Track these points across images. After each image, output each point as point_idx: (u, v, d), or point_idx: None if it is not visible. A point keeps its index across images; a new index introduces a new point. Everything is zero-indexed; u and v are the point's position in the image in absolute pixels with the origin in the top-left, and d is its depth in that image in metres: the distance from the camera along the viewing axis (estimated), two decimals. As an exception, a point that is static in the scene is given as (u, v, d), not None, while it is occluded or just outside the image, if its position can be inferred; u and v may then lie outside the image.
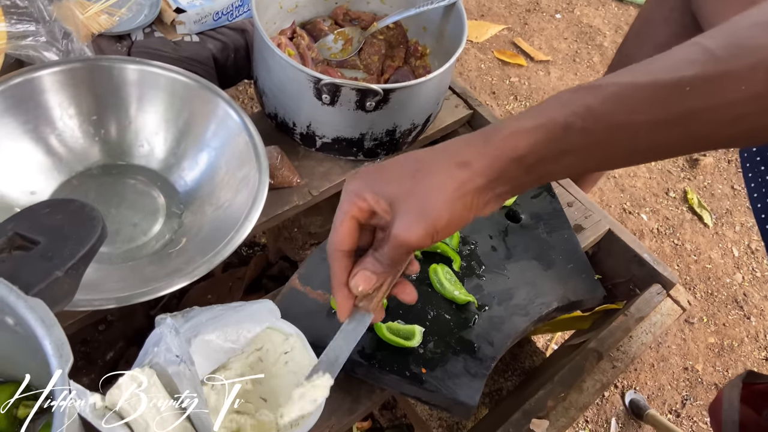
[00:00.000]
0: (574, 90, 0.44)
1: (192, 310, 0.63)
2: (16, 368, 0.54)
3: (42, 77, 0.70)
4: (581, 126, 0.42)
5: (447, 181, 0.45)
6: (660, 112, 0.40)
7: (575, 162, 0.45)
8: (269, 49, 0.78)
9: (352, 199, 0.49)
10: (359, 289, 0.50)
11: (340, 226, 0.50)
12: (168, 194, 0.77)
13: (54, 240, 0.45)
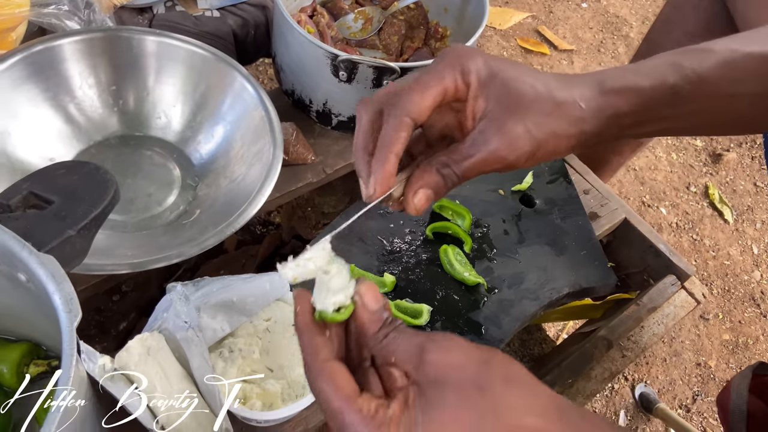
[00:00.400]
0: (685, 52, 0.42)
1: (203, 279, 0.64)
2: (29, 328, 0.55)
3: (63, 46, 0.71)
4: (688, 92, 0.41)
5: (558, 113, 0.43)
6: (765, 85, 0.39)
7: (668, 127, 0.44)
8: (288, 25, 0.77)
9: (455, 67, 0.42)
10: (417, 207, 0.44)
11: (426, 89, 0.42)
12: (183, 166, 0.78)
13: (68, 200, 0.46)
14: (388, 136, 0.42)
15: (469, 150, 0.43)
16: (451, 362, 0.35)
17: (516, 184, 0.83)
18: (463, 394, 0.34)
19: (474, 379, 0.34)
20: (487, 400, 0.34)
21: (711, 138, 1.56)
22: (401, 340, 0.36)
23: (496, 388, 0.34)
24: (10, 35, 0.75)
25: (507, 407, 0.34)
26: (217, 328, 0.59)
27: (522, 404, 0.34)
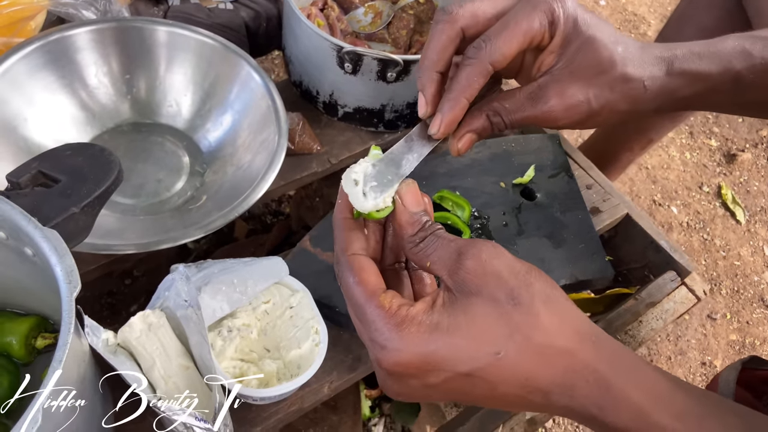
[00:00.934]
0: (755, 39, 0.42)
1: (206, 261, 0.66)
2: (37, 302, 0.58)
3: (78, 35, 0.74)
4: (751, 81, 0.42)
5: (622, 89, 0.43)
6: None
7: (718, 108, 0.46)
8: (296, 17, 0.79)
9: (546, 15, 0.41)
10: (461, 150, 0.44)
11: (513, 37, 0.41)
12: (192, 153, 0.80)
13: (73, 179, 0.49)
14: (467, 80, 0.41)
15: (525, 103, 0.43)
16: (489, 271, 0.34)
17: (518, 177, 0.83)
18: (496, 306, 0.33)
19: (510, 293, 0.33)
20: (520, 316, 0.33)
21: (726, 138, 1.55)
22: (438, 245, 0.35)
23: (532, 305, 0.33)
24: (29, 24, 0.78)
25: (539, 327, 0.32)
26: (217, 308, 0.61)
27: (556, 326, 0.33)
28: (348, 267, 0.36)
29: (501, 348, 0.32)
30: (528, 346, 0.33)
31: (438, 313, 0.34)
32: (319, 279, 0.69)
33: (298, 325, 0.63)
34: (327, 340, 0.61)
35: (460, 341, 0.33)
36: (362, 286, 0.35)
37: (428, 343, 0.33)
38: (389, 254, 0.40)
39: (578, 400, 0.33)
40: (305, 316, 0.63)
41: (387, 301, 0.35)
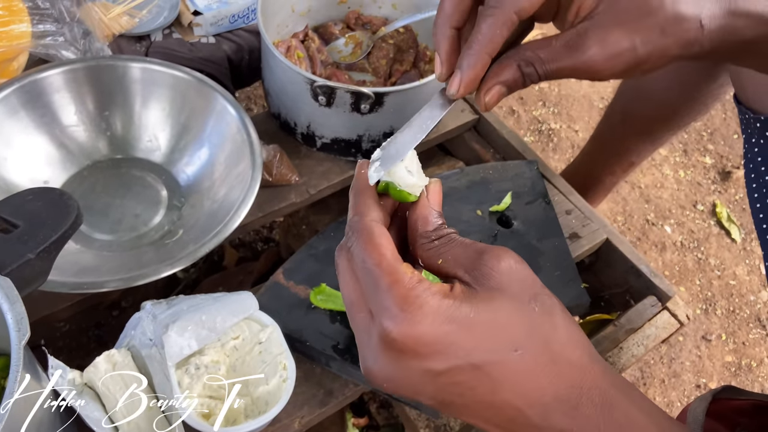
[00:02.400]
0: None
1: (176, 298, 0.67)
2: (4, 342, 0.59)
3: (54, 75, 0.76)
4: None
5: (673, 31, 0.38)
6: None
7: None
8: (270, 52, 0.81)
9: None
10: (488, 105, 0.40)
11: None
12: (170, 187, 0.81)
13: (32, 225, 0.49)
14: (489, 33, 0.36)
15: (562, 52, 0.37)
16: (514, 273, 0.32)
17: (495, 204, 0.84)
18: (521, 304, 0.32)
19: (534, 297, 0.32)
20: (543, 319, 0.32)
21: (721, 155, 1.54)
22: (455, 245, 0.34)
23: (554, 312, 0.32)
24: (11, 65, 0.80)
25: (558, 335, 0.32)
26: (185, 345, 0.61)
27: (572, 340, 0.32)
28: (365, 231, 0.33)
29: (520, 345, 0.31)
30: (545, 351, 0.31)
31: (459, 298, 0.32)
32: (290, 312, 0.70)
33: (267, 360, 0.63)
34: (295, 376, 0.61)
35: (480, 328, 0.31)
36: (378, 251, 0.32)
37: (448, 321, 0.31)
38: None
39: (579, 420, 0.31)
40: (274, 352, 0.63)
41: (410, 270, 0.32)
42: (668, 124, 0.92)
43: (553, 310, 0.32)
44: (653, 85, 0.89)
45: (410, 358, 0.31)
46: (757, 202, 0.63)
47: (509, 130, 0.98)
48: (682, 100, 0.87)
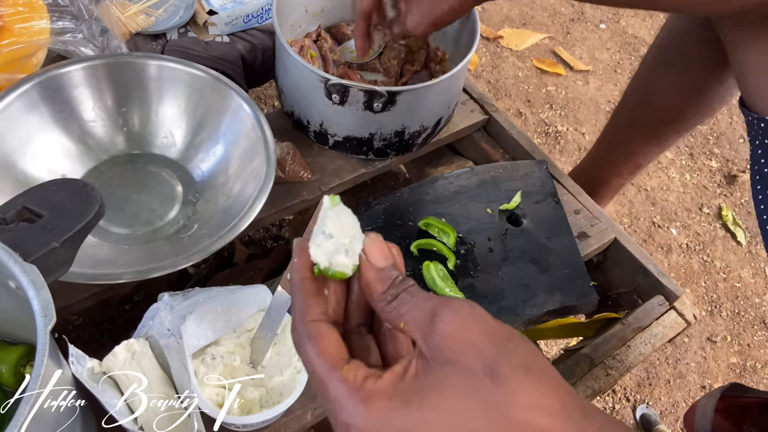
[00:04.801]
0: None
1: (193, 290, 0.68)
2: (25, 331, 0.60)
3: (74, 71, 0.77)
4: None
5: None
6: None
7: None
8: (285, 50, 0.82)
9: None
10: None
11: None
12: (186, 183, 0.83)
13: (56, 214, 0.51)
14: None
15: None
16: (466, 337, 0.31)
17: (504, 203, 0.85)
18: (473, 381, 0.30)
19: (489, 364, 0.30)
20: (499, 392, 0.30)
21: (726, 159, 1.55)
22: (412, 304, 0.32)
23: (511, 379, 0.30)
24: (30, 60, 0.82)
25: (519, 402, 0.29)
26: (201, 336, 0.62)
27: (536, 401, 0.30)
28: (307, 336, 0.33)
29: (478, 427, 0.29)
30: (507, 426, 0.29)
31: (409, 386, 0.31)
32: (303, 306, 0.71)
33: (281, 352, 0.64)
34: (308, 368, 0.62)
35: (431, 417, 0.30)
36: (322, 357, 0.32)
37: (395, 419, 0.30)
38: (355, 315, 0.37)
39: None
40: (288, 344, 0.64)
41: (351, 374, 0.32)
42: (675, 127, 0.93)
43: (512, 372, 0.30)
44: (661, 87, 0.90)
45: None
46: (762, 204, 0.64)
47: (518, 131, 0.99)
48: (689, 102, 0.88)
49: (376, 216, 0.82)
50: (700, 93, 0.86)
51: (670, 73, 0.88)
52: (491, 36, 1.80)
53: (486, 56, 1.75)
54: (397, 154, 0.91)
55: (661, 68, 0.88)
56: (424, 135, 0.90)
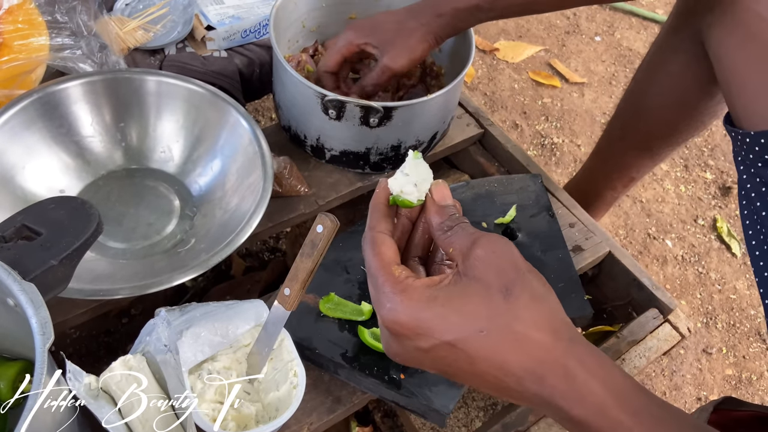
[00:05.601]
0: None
1: (190, 305, 0.68)
2: (23, 348, 0.60)
3: (73, 87, 0.78)
4: None
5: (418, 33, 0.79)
6: None
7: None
8: (282, 66, 0.83)
9: (348, 40, 0.83)
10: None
11: (332, 56, 0.84)
12: (183, 197, 0.83)
13: (54, 232, 0.51)
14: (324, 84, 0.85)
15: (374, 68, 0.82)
16: (493, 263, 0.38)
17: (500, 217, 0.85)
18: (488, 293, 0.37)
19: (505, 285, 0.37)
20: (506, 305, 0.37)
21: (721, 170, 1.56)
22: (461, 234, 0.40)
23: (519, 299, 0.37)
24: (30, 77, 0.82)
25: (521, 318, 0.37)
26: (198, 352, 0.63)
27: (536, 320, 0.37)
28: (371, 241, 0.42)
29: (484, 327, 0.37)
30: (508, 332, 0.37)
31: (438, 289, 0.39)
32: (300, 320, 0.71)
33: (278, 367, 0.65)
34: (305, 383, 0.63)
35: (450, 313, 0.38)
36: (379, 257, 0.41)
37: (423, 309, 0.38)
38: (414, 248, 0.46)
39: (547, 389, 0.37)
40: (284, 359, 0.65)
41: (397, 271, 0.40)
42: (667, 141, 0.94)
43: (523, 294, 0.37)
44: (652, 102, 0.91)
45: (403, 339, 0.39)
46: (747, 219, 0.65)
47: (514, 144, 1.00)
48: (680, 117, 0.89)
49: (372, 230, 0.83)
50: (691, 108, 0.87)
51: (661, 88, 0.89)
52: (487, 48, 1.82)
53: (482, 68, 1.76)
54: (393, 167, 0.91)
55: (651, 84, 0.90)
56: (420, 149, 0.91)
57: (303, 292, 0.58)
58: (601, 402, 0.37)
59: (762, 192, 0.64)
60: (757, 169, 0.64)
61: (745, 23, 0.65)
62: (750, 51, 0.66)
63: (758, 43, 0.64)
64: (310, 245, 0.56)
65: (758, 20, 0.63)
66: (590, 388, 0.37)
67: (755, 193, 0.65)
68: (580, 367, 0.37)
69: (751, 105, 0.65)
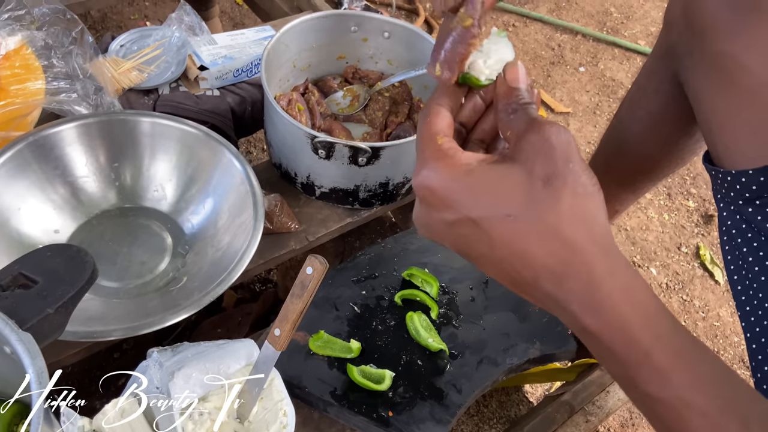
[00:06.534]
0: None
1: (181, 345, 0.69)
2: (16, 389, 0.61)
3: (67, 130, 0.80)
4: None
5: None
6: None
7: None
8: (273, 108, 0.85)
9: None
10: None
11: None
12: (176, 235, 0.85)
13: (50, 280, 0.53)
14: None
15: None
16: (542, 150, 0.35)
17: (485, 252, 0.87)
18: (529, 179, 0.35)
19: (548, 174, 0.35)
20: (544, 194, 0.34)
21: (703, 199, 1.59)
22: (521, 117, 0.38)
23: (560, 191, 0.34)
24: (26, 119, 0.84)
25: (556, 211, 0.34)
26: (190, 392, 0.64)
27: (572, 218, 0.34)
28: (427, 112, 0.40)
29: (514, 212, 0.35)
30: (537, 222, 0.34)
31: (480, 164, 0.37)
32: (290, 358, 0.73)
33: (268, 407, 0.66)
34: (294, 423, 0.64)
35: (482, 190, 0.36)
36: (428, 125, 0.39)
37: (455, 180, 0.36)
38: (480, 130, 0.44)
39: (563, 292, 0.34)
40: (275, 398, 0.66)
41: (441, 140, 0.38)
42: (649, 176, 0.97)
43: (565, 187, 0.34)
44: (634, 139, 0.94)
45: (431, 208, 0.37)
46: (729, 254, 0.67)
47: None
48: (661, 154, 0.92)
49: (361, 266, 0.85)
50: (671, 145, 0.90)
51: (642, 126, 0.92)
52: (474, 79, 1.86)
53: (469, 99, 1.80)
54: (382, 203, 0.94)
55: (633, 121, 0.92)
56: (408, 185, 0.93)
57: (293, 333, 0.60)
58: (621, 318, 0.34)
59: (743, 229, 0.66)
60: (738, 207, 0.65)
61: (723, 67, 0.67)
62: (728, 94, 0.67)
63: (736, 87, 0.66)
64: (300, 286, 0.58)
65: (735, 64, 0.65)
66: (613, 301, 0.34)
67: (736, 230, 0.67)
68: (608, 278, 0.34)
69: (731, 145, 0.67)
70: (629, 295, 0.34)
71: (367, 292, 0.81)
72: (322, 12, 1.02)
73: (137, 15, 1.77)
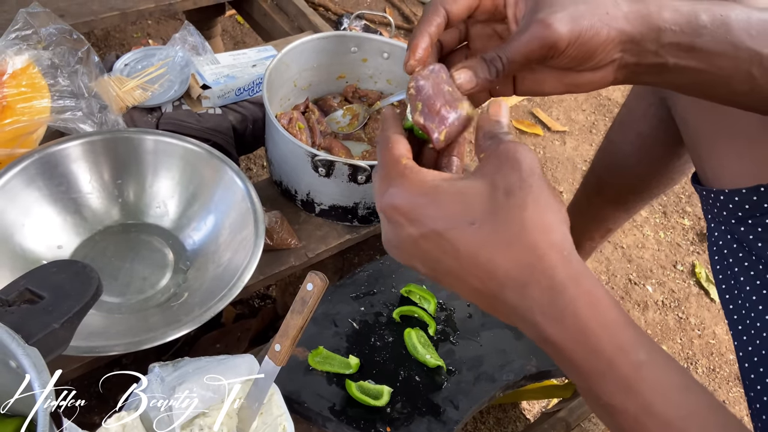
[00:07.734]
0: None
1: (182, 360, 0.70)
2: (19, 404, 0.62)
3: (72, 147, 0.81)
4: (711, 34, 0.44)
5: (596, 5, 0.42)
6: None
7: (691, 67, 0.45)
8: (274, 126, 0.87)
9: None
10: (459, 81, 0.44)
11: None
12: (177, 251, 0.86)
13: (56, 296, 0.54)
14: (425, 18, 0.45)
15: (511, 37, 0.44)
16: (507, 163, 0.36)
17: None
18: (491, 189, 0.36)
19: (512, 184, 0.36)
20: (506, 202, 0.35)
21: (698, 217, 1.61)
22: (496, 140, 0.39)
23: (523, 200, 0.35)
24: (31, 137, 0.86)
25: (519, 218, 0.35)
26: (191, 407, 0.65)
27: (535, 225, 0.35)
28: (385, 141, 0.41)
29: (477, 220, 0.35)
30: (501, 229, 0.35)
31: (445, 180, 0.38)
32: (289, 374, 0.73)
33: (267, 422, 0.66)
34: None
35: (446, 202, 0.37)
36: (390, 151, 0.40)
37: (420, 195, 0.37)
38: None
39: (527, 300, 0.34)
40: (274, 413, 0.67)
41: (405, 161, 0.39)
42: (640, 196, 0.99)
43: (526, 197, 0.35)
44: (626, 160, 0.96)
45: (397, 225, 0.38)
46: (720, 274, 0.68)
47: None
48: (652, 175, 0.94)
49: (360, 283, 0.86)
50: (661, 165, 0.92)
51: (632, 147, 0.94)
52: (472, 98, 1.88)
53: (467, 117, 1.82)
54: (380, 221, 0.95)
55: (624, 143, 0.95)
56: (406, 204, 0.94)
57: (293, 348, 0.61)
58: (583, 327, 0.34)
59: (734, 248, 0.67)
60: (731, 226, 0.66)
61: None
62: (715, 117, 0.68)
63: (721, 111, 0.68)
64: (301, 302, 0.59)
65: None
66: (575, 308, 0.34)
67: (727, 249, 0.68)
68: (570, 284, 0.34)
69: (719, 166, 0.68)
70: (591, 303, 0.34)
71: (365, 308, 0.82)
72: (323, 33, 1.04)
73: (140, 33, 1.79)
